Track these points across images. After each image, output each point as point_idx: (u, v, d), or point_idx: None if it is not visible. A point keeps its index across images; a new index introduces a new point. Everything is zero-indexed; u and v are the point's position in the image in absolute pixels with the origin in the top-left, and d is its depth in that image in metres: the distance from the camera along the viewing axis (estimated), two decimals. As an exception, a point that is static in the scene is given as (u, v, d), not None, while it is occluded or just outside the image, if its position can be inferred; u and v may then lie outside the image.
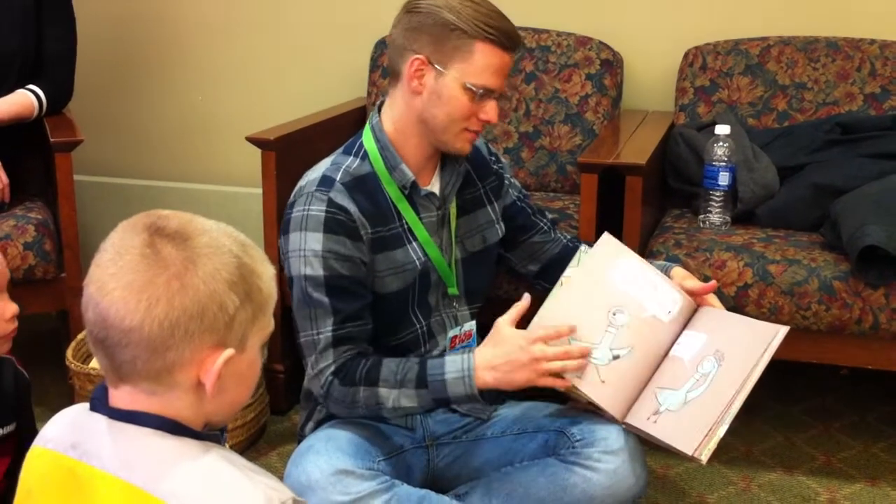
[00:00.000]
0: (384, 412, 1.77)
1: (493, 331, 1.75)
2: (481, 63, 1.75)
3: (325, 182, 1.79)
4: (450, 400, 1.74)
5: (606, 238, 1.83)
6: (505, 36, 1.76)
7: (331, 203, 1.76)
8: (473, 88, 1.76)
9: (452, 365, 1.72)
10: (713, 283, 1.86)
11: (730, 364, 1.70)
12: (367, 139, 1.86)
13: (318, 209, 1.76)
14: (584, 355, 1.71)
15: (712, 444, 1.64)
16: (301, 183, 1.84)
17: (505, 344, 1.72)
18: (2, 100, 2.59)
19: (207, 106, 3.30)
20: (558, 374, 1.71)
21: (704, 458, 1.63)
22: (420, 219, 1.86)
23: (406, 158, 1.84)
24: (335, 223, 1.76)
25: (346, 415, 1.80)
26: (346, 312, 1.77)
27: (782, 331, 1.72)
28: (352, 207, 1.77)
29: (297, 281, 1.78)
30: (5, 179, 2.54)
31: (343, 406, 1.77)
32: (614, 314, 1.77)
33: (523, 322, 1.85)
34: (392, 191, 1.83)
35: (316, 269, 1.75)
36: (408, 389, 1.73)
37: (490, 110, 1.80)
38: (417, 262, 1.84)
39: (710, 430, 1.65)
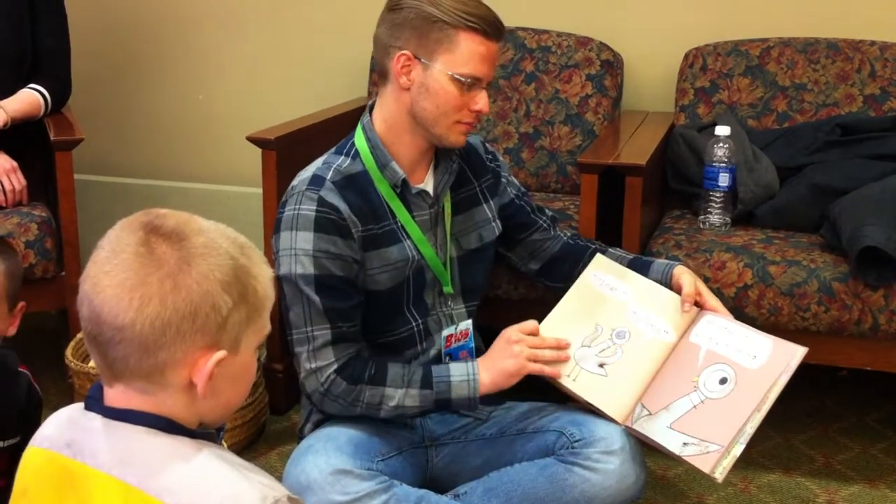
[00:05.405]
0: (382, 412, 1.79)
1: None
2: (466, 52, 1.76)
3: (316, 181, 1.80)
4: (451, 402, 1.79)
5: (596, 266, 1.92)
6: (487, 24, 1.77)
7: (321, 202, 1.77)
8: (461, 79, 1.77)
9: (458, 369, 1.80)
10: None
11: (740, 387, 1.74)
12: (359, 139, 1.86)
13: (309, 208, 1.77)
14: (561, 347, 1.80)
15: (727, 463, 1.65)
16: (293, 183, 1.84)
17: (495, 344, 1.83)
18: (10, 99, 2.59)
19: (208, 105, 3.30)
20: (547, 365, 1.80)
21: (719, 476, 1.66)
22: (413, 217, 1.86)
23: (397, 156, 1.84)
24: (326, 222, 1.76)
25: (339, 413, 1.81)
26: (339, 311, 1.78)
27: (800, 352, 1.75)
28: (342, 206, 1.78)
29: (289, 280, 1.78)
30: (23, 181, 2.54)
31: (340, 404, 1.79)
32: (615, 332, 1.84)
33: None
34: (384, 189, 1.83)
35: (307, 268, 1.76)
36: (413, 389, 1.78)
37: (480, 100, 1.81)
38: (411, 260, 1.85)
39: (717, 444, 1.67)
